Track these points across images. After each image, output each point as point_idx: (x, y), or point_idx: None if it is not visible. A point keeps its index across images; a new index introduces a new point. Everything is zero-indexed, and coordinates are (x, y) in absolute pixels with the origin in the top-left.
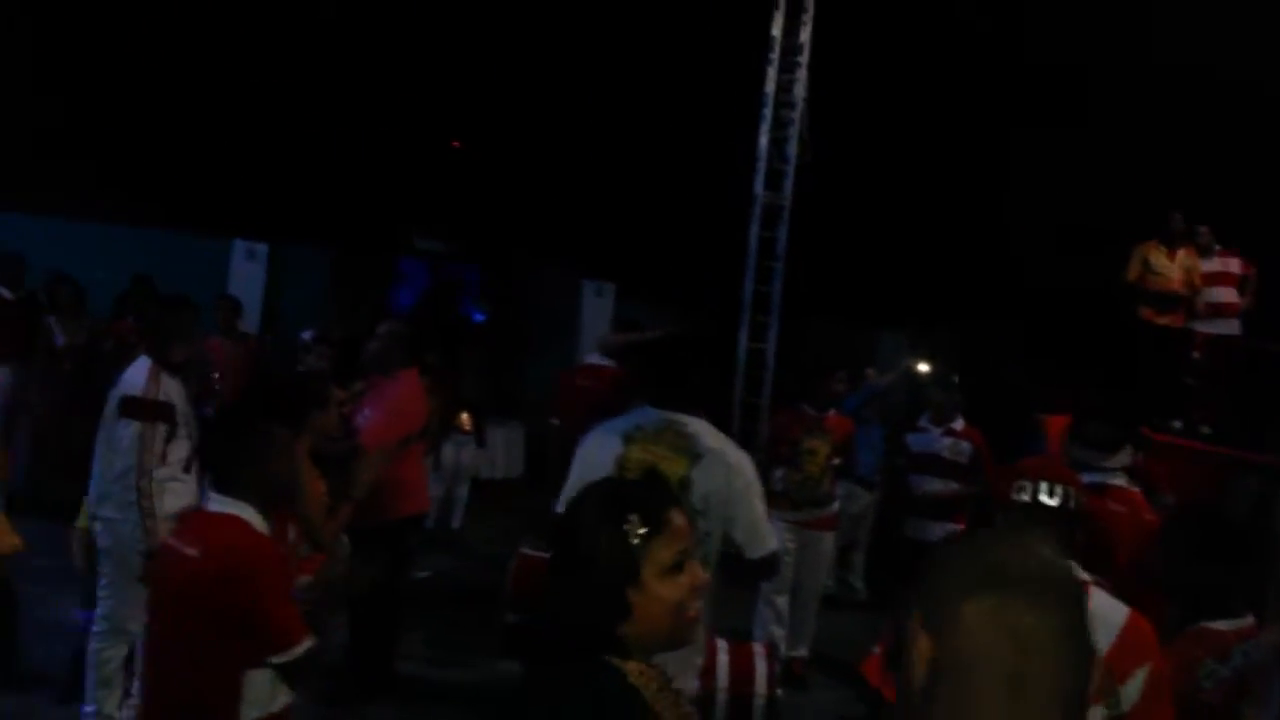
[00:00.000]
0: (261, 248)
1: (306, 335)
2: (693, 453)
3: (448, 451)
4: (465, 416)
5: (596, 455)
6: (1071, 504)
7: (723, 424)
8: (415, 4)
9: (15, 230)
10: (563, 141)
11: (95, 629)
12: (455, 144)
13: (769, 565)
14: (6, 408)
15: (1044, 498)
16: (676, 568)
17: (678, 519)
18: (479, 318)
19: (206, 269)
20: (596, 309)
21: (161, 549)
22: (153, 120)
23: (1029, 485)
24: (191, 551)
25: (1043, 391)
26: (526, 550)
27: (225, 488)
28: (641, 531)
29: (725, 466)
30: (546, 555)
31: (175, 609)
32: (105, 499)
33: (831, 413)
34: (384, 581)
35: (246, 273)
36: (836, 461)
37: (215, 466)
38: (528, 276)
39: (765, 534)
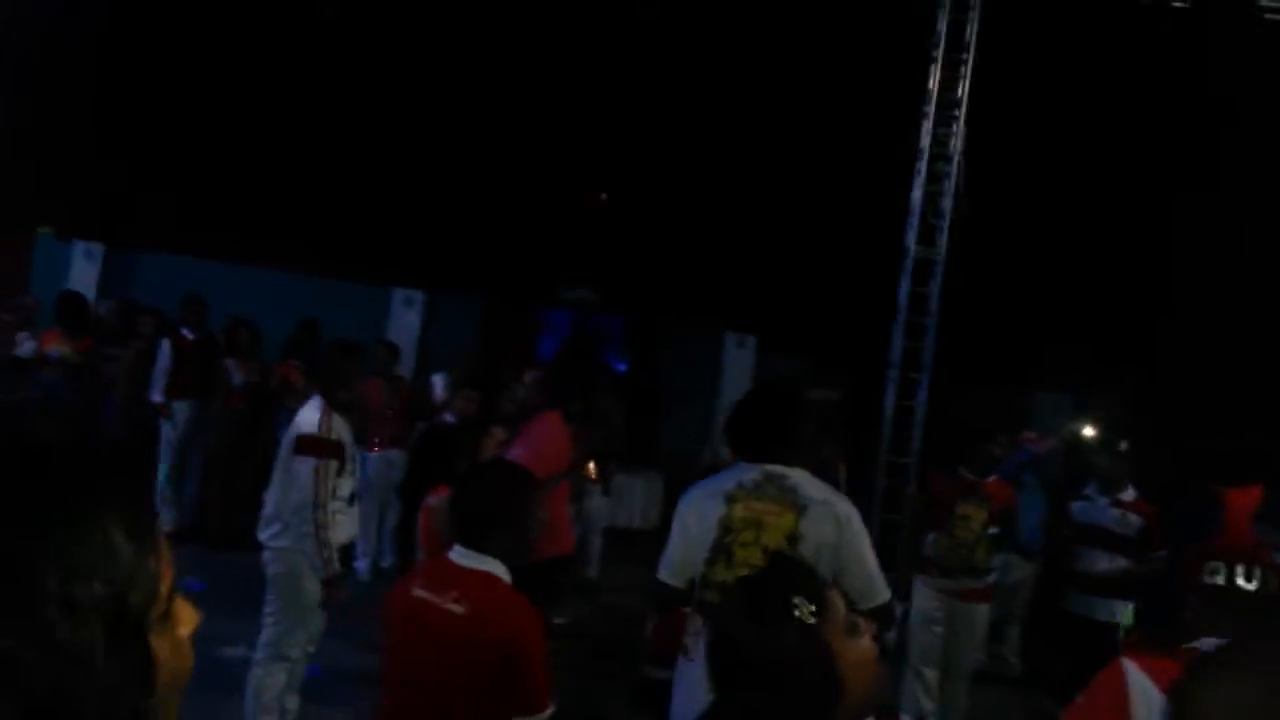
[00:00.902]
0: (418, 295)
1: (437, 381)
2: (799, 505)
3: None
4: (591, 466)
5: (695, 520)
6: (1271, 588)
7: (866, 483)
8: (564, 59)
9: (197, 274)
10: (708, 193)
11: (257, 655)
12: (602, 196)
13: (884, 616)
14: (183, 443)
15: (1240, 581)
16: (853, 627)
17: (821, 581)
18: (621, 367)
19: (367, 315)
20: (738, 361)
21: (416, 602)
22: (322, 174)
23: (1223, 567)
24: (455, 607)
25: (1221, 461)
26: None
27: (479, 544)
28: (812, 609)
29: (833, 516)
30: (685, 610)
31: (433, 661)
32: (281, 530)
33: (992, 478)
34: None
35: (403, 319)
36: (993, 530)
37: (472, 523)
38: (670, 327)
39: (879, 584)
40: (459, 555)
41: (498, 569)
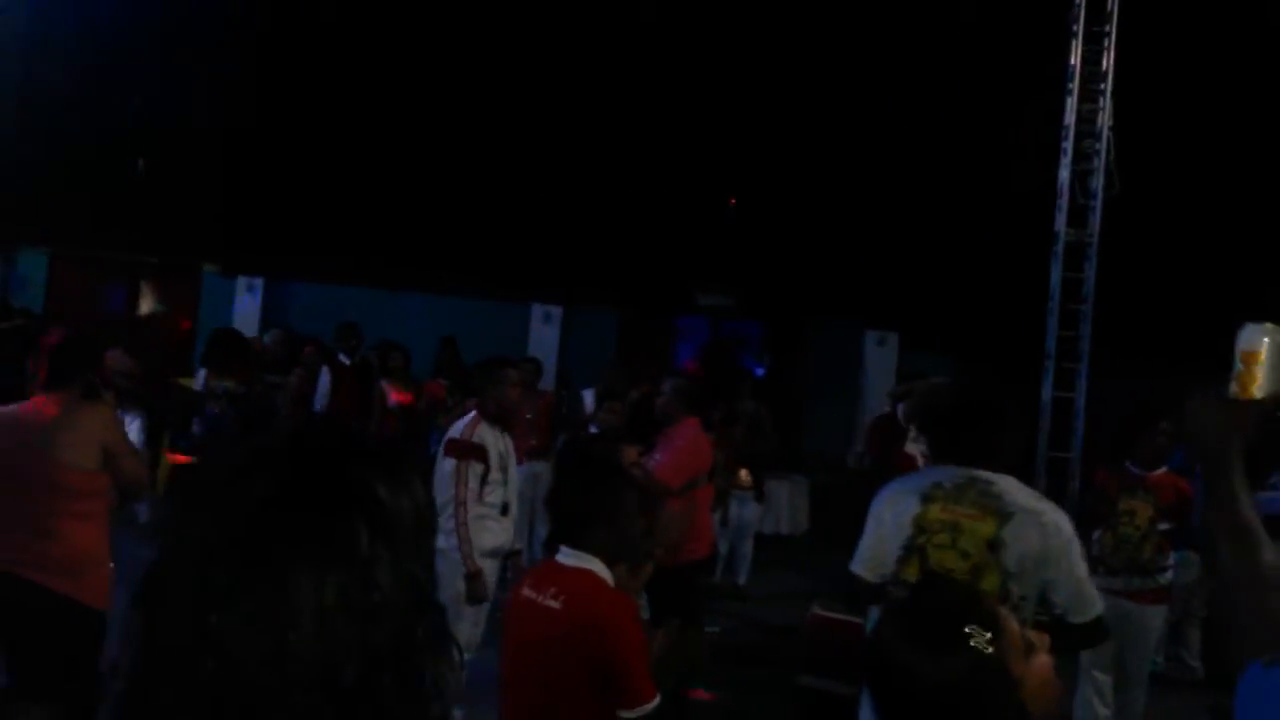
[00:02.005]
0: (556, 310)
1: (588, 394)
2: (1002, 511)
3: (730, 507)
4: (744, 472)
5: (892, 516)
6: None
7: (1027, 480)
8: (690, 66)
9: (349, 302)
10: (841, 189)
11: None
12: (732, 201)
13: (1095, 631)
14: None
15: None
16: (1029, 646)
17: (990, 601)
18: (759, 372)
19: (507, 331)
20: (879, 359)
21: (520, 598)
22: (459, 200)
23: None
24: (553, 604)
25: None
26: (820, 611)
27: (578, 542)
28: (988, 637)
29: (1039, 525)
30: (840, 616)
31: (536, 658)
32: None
33: (1160, 471)
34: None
35: (542, 334)
36: (1164, 526)
37: (569, 521)
38: (808, 328)
39: (1090, 597)
40: (562, 554)
41: (596, 566)
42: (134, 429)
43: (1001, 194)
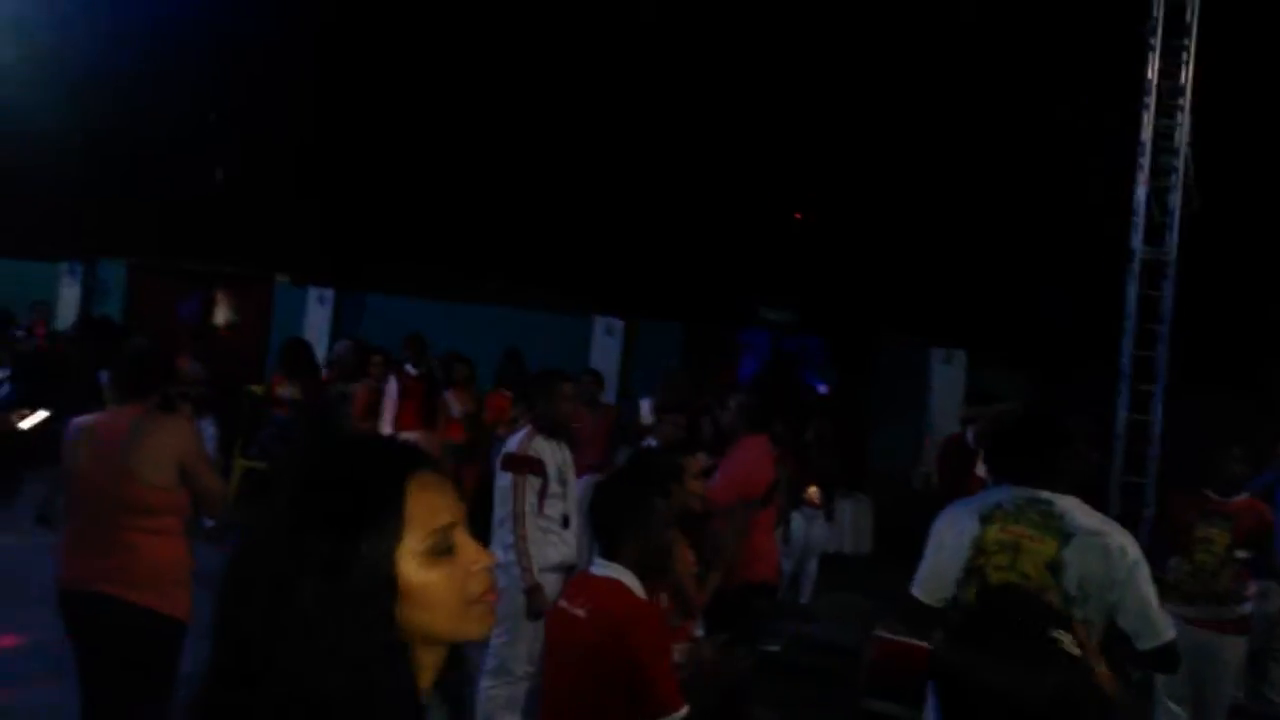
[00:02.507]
0: (618, 323)
1: (645, 404)
2: (1063, 532)
3: (797, 526)
4: (813, 490)
5: (951, 538)
6: None
7: (1100, 505)
8: (757, 78)
9: (416, 313)
10: (909, 202)
11: (485, 666)
12: (797, 215)
13: (1164, 657)
14: None
15: None
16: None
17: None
18: (822, 388)
19: (570, 344)
20: (946, 378)
21: (554, 610)
22: (522, 212)
23: None
24: (580, 613)
25: None
26: (884, 634)
27: (610, 553)
28: (1074, 640)
29: (1102, 548)
30: (905, 640)
31: (569, 668)
32: (495, 544)
33: (1241, 497)
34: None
35: (605, 347)
36: (1243, 554)
37: (601, 533)
38: (873, 345)
39: (1158, 622)
40: (594, 565)
41: (626, 577)
42: (207, 435)
43: (1075, 209)
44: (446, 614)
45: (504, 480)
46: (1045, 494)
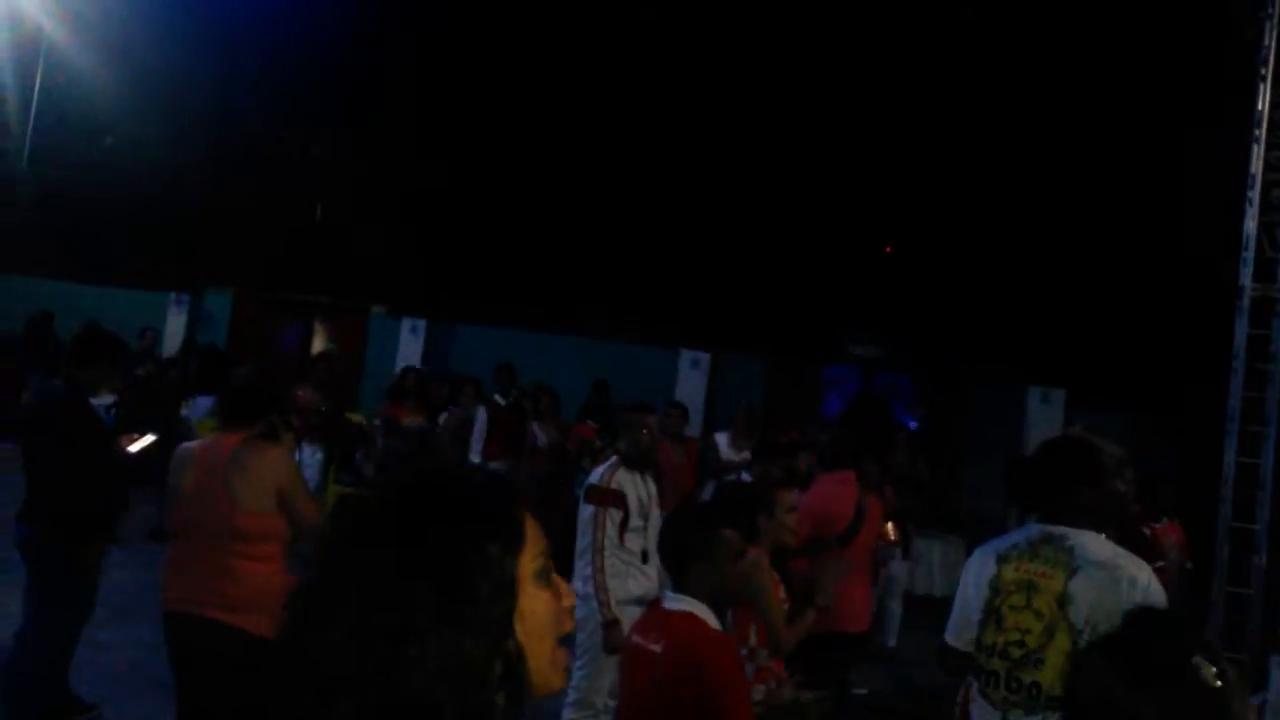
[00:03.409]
0: (704, 356)
1: (722, 437)
2: (1071, 565)
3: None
4: (890, 526)
5: (973, 580)
6: None
7: (1206, 553)
8: (849, 111)
9: (505, 343)
10: (1005, 235)
11: (567, 699)
12: (887, 249)
13: None
14: None
15: None
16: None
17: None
18: (912, 425)
19: (655, 376)
20: (1044, 417)
21: (628, 644)
22: (611, 244)
23: None
24: (654, 647)
25: None
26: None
27: (680, 586)
28: (1214, 670)
29: (1111, 580)
30: None
31: (644, 702)
32: (576, 576)
33: None
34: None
35: (690, 380)
36: None
37: (669, 565)
38: (966, 382)
39: None
40: (667, 599)
41: (699, 609)
42: (315, 462)
43: (1181, 244)
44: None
45: (586, 512)
46: (1063, 529)
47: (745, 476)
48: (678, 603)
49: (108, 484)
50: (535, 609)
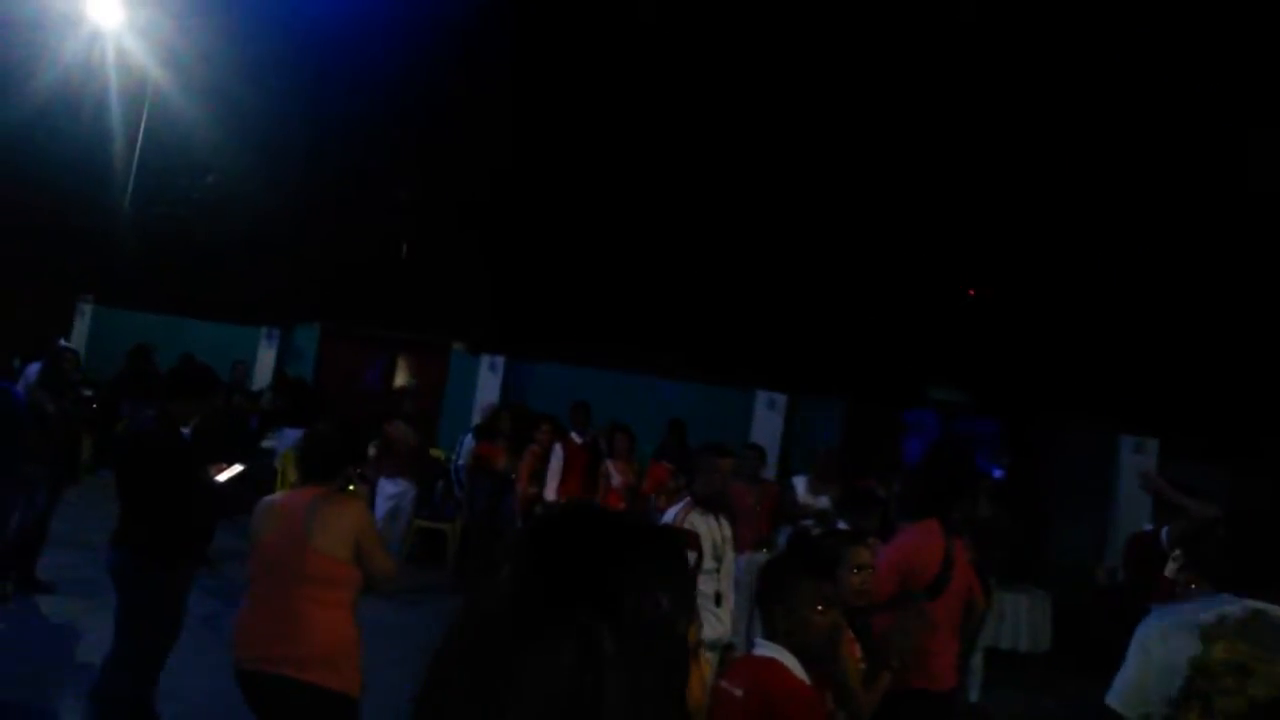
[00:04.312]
0: (780, 398)
1: (799, 481)
2: None
3: None
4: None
5: (1163, 653)
6: None
7: None
8: (930, 150)
9: (582, 381)
10: (1094, 276)
11: None
12: (970, 292)
13: None
14: None
15: None
16: None
17: None
18: (997, 473)
19: (731, 417)
20: (1137, 468)
21: (714, 688)
22: (688, 284)
23: None
24: (738, 692)
25: None
26: None
27: (769, 633)
28: None
29: None
30: None
31: None
32: None
33: None
34: None
35: (766, 421)
36: None
37: (760, 611)
38: (1055, 429)
39: None
40: (757, 645)
41: (785, 657)
42: (408, 499)
43: (1273, 284)
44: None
45: None
46: (1273, 608)
47: (807, 523)
48: (765, 649)
49: (196, 512)
50: (692, 687)
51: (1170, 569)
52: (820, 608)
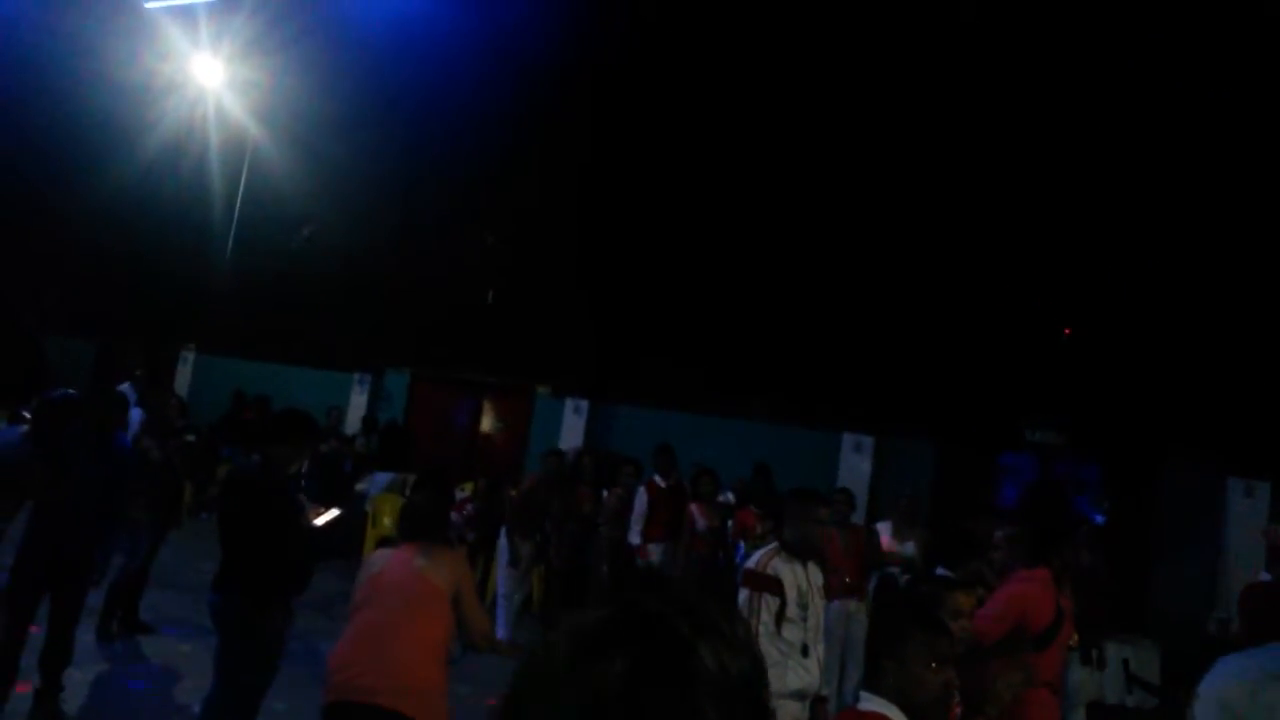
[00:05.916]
0: (867, 440)
1: (884, 527)
2: None
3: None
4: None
5: (1251, 705)
6: None
7: None
8: (1025, 188)
9: (666, 424)
10: (1199, 313)
11: None
12: (1066, 331)
13: None
14: None
15: None
16: None
17: None
18: (1098, 519)
19: (818, 460)
20: (1246, 512)
21: None
22: (773, 326)
23: None
24: None
25: None
26: None
27: (871, 684)
28: None
29: None
30: None
31: None
32: None
33: None
34: None
35: (853, 464)
36: None
37: (866, 663)
38: (1159, 473)
39: None
40: (862, 699)
41: (892, 712)
42: (526, 552)
43: None
44: None
45: (740, 596)
46: None
47: (893, 570)
48: (868, 702)
49: (294, 555)
50: None
51: None
52: (934, 665)
